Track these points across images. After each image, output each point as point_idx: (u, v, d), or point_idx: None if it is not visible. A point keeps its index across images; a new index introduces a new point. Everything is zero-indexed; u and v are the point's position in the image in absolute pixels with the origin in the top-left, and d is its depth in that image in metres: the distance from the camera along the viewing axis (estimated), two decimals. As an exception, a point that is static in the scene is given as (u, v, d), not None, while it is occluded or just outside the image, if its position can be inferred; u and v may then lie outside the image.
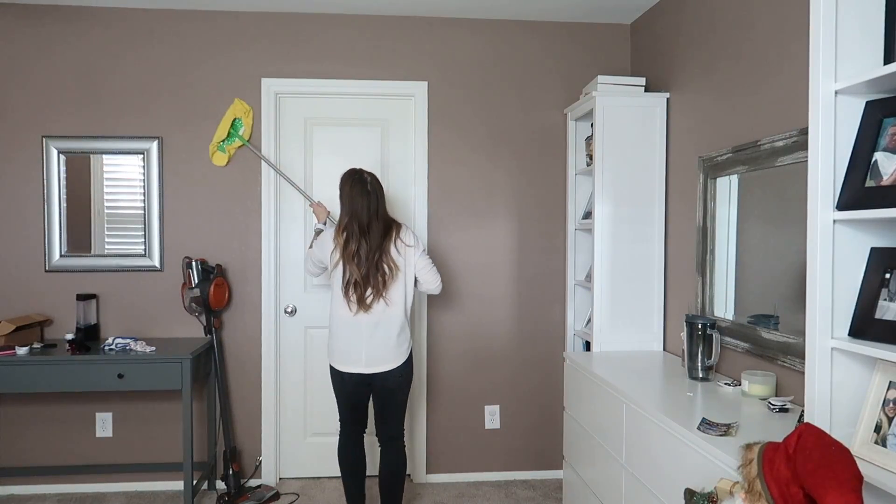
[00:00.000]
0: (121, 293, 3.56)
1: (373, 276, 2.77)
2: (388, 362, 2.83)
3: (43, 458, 3.56)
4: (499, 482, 3.75)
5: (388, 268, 2.78)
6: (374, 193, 2.81)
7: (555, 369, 3.79)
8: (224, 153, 3.50)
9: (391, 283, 2.80)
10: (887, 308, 1.54)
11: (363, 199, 2.79)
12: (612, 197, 3.24)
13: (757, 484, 1.36)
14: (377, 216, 2.80)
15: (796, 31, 2.29)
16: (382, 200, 2.85)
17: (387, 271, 2.78)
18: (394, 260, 2.80)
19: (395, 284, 2.81)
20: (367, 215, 2.78)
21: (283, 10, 3.56)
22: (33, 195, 3.50)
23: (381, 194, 2.85)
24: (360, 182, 2.82)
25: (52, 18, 3.48)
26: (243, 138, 3.49)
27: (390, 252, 2.80)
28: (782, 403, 2.16)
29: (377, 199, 2.81)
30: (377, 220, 2.79)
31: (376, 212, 2.80)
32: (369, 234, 2.77)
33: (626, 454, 2.39)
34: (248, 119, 3.50)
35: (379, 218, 2.81)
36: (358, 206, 2.79)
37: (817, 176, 1.62)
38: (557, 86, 3.74)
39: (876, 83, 1.53)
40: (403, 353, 2.86)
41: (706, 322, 2.61)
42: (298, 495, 3.52)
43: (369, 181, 2.82)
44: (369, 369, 2.82)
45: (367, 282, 2.76)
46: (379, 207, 2.82)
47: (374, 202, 2.80)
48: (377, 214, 2.80)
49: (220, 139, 3.46)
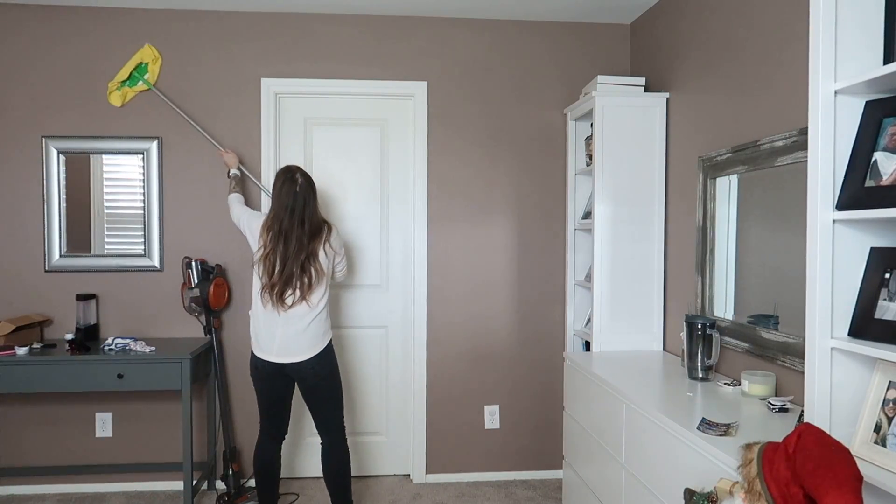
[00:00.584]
0: (120, 293, 3.56)
1: (297, 277, 2.77)
2: (301, 353, 2.81)
3: (43, 459, 3.56)
4: (498, 482, 3.75)
5: (315, 271, 2.80)
6: (303, 196, 2.81)
7: (555, 369, 3.79)
8: (120, 93, 3.46)
9: (316, 286, 2.81)
10: (887, 308, 1.54)
11: (288, 200, 2.80)
12: (611, 197, 3.24)
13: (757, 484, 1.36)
14: (302, 221, 2.79)
15: (796, 30, 2.29)
16: (311, 202, 2.84)
17: (313, 275, 2.79)
18: (321, 263, 2.82)
19: (318, 287, 2.82)
20: (290, 219, 2.79)
21: (282, 9, 3.56)
22: (33, 195, 3.50)
23: (311, 195, 2.85)
24: (290, 182, 2.82)
25: (52, 18, 3.48)
26: (148, 82, 3.46)
27: (318, 256, 2.82)
28: (782, 403, 2.16)
29: (304, 202, 2.81)
30: (301, 225, 2.79)
31: (301, 216, 2.79)
32: (290, 237, 2.78)
33: (626, 454, 2.39)
34: (154, 66, 3.47)
35: (305, 221, 2.80)
36: (282, 207, 2.80)
37: (817, 176, 1.62)
38: (557, 86, 3.74)
39: (876, 83, 1.53)
40: (317, 346, 2.84)
41: (706, 322, 2.61)
42: (298, 495, 3.52)
43: (299, 182, 2.82)
44: (281, 359, 2.82)
45: (287, 284, 2.77)
46: (306, 211, 2.81)
47: (301, 205, 2.80)
48: (302, 219, 2.79)
49: (121, 80, 3.43)
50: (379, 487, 3.63)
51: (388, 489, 3.61)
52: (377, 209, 3.73)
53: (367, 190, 3.72)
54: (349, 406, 3.74)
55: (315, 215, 2.86)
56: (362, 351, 3.74)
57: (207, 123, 3.57)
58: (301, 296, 2.78)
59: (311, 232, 2.81)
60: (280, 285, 2.76)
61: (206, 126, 3.56)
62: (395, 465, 3.77)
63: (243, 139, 3.59)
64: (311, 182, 2.87)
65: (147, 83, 3.46)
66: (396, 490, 3.60)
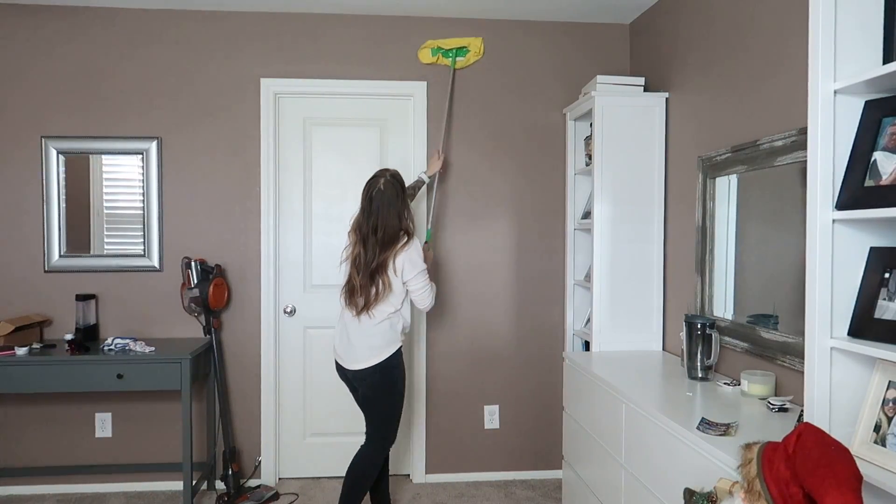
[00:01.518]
0: (120, 293, 3.56)
1: (366, 288, 2.75)
2: (357, 361, 2.80)
3: (42, 459, 3.56)
4: (498, 482, 3.74)
5: (383, 284, 2.75)
6: (378, 202, 2.76)
7: (554, 369, 3.79)
8: (433, 56, 3.53)
9: (381, 300, 2.76)
10: (886, 307, 1.54)
11: (365, 204, 2.80)
12: (611, 197, 3.24)
13: (756, 483, 1.36)
14: (375, 228, 2.76)
15: (795, 30, 2.29)
16: (389, 209, 2.76)
17: (381, 288, 2.75)
18: (388, 278, 2.75)
19: (384, 302, 2.77)
20: (367, 224, 2.78)
21: (282, 10, 3.56)
22: (32, 195, 3.50)
23: (391, 201, 2.77)
24: (370, 185, 2.81)
25: (52, 18, 3.48)
26: (455, 63, 3.54)
27: (387, 269, 2.76)
28: (782, 403, 2.16)
29: (379, 209, 2.76)
30: (374, 233, 2.76)
31: (375, 223, 2.76)
32: (367, 243, 2.77)
33: (626, 454, 2.39)
34: (471, 57, 3.54)
35: (379, 228, 2.75)
36: (362, 210, 2.82)
37: (816, 175, 1.62)
38: (556, 86, 3.74)
39: (875, 83, 1.53)
40: (374, 357, 2.77)
41: (705, 322, 2.61)
42: (298, 495, 3.52)
43: (378, 187, 2.77)
44: (342, 361, 2.85)
45: (361, 290, 2.76)
46: (380, 218, 2.75)
47: (376, 210, 2.76)
48: (375, 226, 2.76)
49: (441, 47, 3.49)
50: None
51: (387, 489, 3.61)
52: (377, 209, 3.72)
53: (367, 190, 3.71)
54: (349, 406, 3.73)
55: (391, 223, 2.76)
56: (362, 351, 3.74)
57: (207, 123, 3.57)
58: (364, 306, 2.75)
59: (384, 241, 2.75)
60: (355, 289, 2.77)
61: (206, 126, 3.56)
62: (395, 464, 3.77)
63: (243, 139, 3.59)
64: (394, 187, 2.79)
65: (454, 64, 3.53)
66: (396, 490, 3.60)
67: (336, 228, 3.69)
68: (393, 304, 2.78)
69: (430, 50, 3.52)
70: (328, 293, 3.69)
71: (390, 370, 2.80)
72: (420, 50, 3.58)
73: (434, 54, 3.50)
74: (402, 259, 2.76)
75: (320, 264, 3.69)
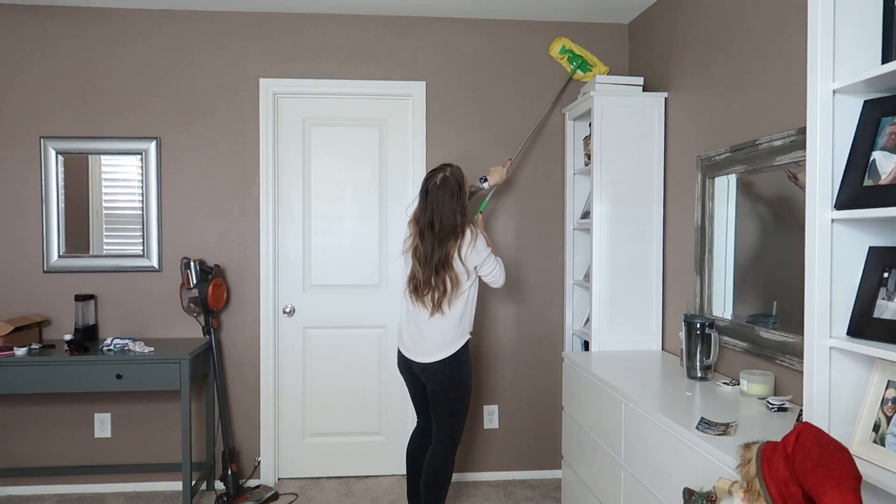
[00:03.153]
0: (119, 294, 3.56)
1: (434, 285, 2.75)
2: (426, 355, 2.79)
3: (41, 459, 3.55)
4: (497, 482, 3.74)
5: (451, 280, 2.73)
6: (434, 196, 2.75)
7: (553, 369, 3.79)
8: (562, 55, 3.43)
9: (451, 297, 2.75)
10: (886, 307, 1.54)
11: (423, 198, 2.81)
12: (610, 196, 3.24)
13: (756, 483, 1.36)
14: (431, 223, 2.75)
15: (794, 30, 2.29)
16: (444, 204, 2.74)
17: (448, 284, 2.73)
18: (456, 273, 2.74)
19: (454, 298, 2.76)
20: (424, 218, 2.78)
21: (281, 10, 3.56)
22: (31, 196, 3.49)
23: (446, 195, 2.74)
24: (427, 180, 2.81)
25: (50, 18, 3.48)
26: (573, 71, 3.47)
27: (452, 263, 2.74)
28: (781, 403, 2.16)
29: (434, 204, 2.74)
30: (430, 227, 2.75)
31: (431, 218, 2.75)
32: (424, 236, 2.77)
33: (625, 454, 2.39)
34: (593, 72, 3.45)
35: (435, 223, 2.74)
36: (419, 204, 2.83)
37: (815, 175, 1.62)
38: (555, 85, 3.74)
39: (874, 82, 1.53)
40: (444, 351, 2.77)
41: (705, 321, 2.61)
42: (297, 495, 3.51)
43: (435, 180, 2.77)
44: (410, 355, 2.84)
45: (427, 285, 2.76)
46: (435, 212, 2.74)
47: (431, 205, 2.75)
48: (432, 220, 2.75)
49: (571, 50, 3.38)
50: (378, 487, 3.63)
51: (386, 489, 3.61)
52: (376, 209, 3.72)
53: (366, 190, 3.72)
54: (348, 406, 3.74)
55: (447, 220, 2.74)
56: (361, 351, 3.74)
57: (206, 124, 3.56)
58: (435, 304, 2.75)
59: (441, 235, 2.73)
60: (421, 283, 2.77)
61: (205, 126, 3.56)
62: (395, 464, 3.77)
63: (242, 139, 3.59)
64: (450, 185, 2.76)
65: (572, 71, 3.48)
66: (395, 490, 3.60)
67: (335, 228, 3.69)
68: (462, 301, 2.79)
69: (562, 46, 3.34)
70: (327, 293, 3.70)
71: (459, 364, 2.80)
72: (554, 42, 3.43)
73: (563, 52, 3.34)
74: (466, 252, 2.75)
75: (319, 264, 3.69)
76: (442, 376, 2.79)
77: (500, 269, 2.89)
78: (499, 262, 2.88)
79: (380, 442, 3.77)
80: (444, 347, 2.78)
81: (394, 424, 3.77)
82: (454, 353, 2.79)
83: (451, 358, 2.78)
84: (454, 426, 2.86)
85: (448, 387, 2.80)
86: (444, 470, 2.87)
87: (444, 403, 2.83)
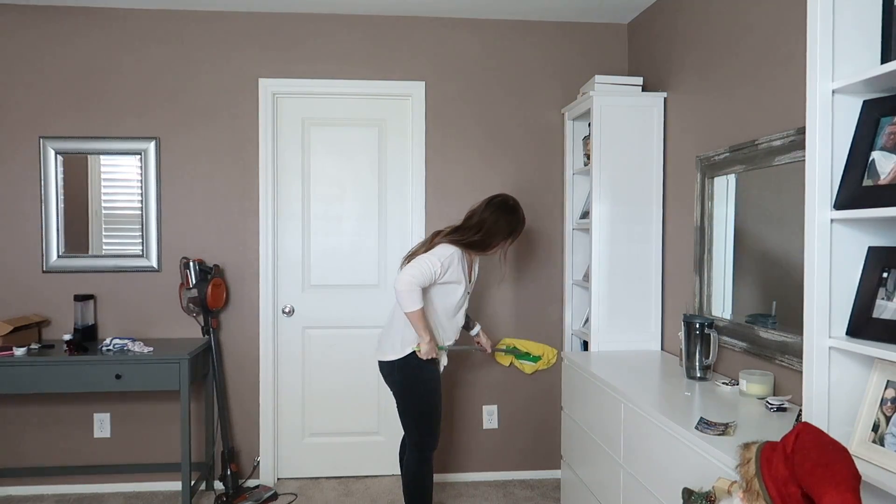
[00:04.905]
0: (118, 294, 3.55)
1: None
2: (380, 351, 2.80)
3: (41, 459, 3.55)
4: (497, 482, 3.74)
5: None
6: (476, 222, 2.80)
7: (553, 369, 3.79)
8: (507, 356, 3.32)
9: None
10: (885, 307, 1.54)
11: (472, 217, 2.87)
12: (609, 196, 3.25)
13: (755, 483, 1.36)
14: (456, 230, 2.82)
15: (794, 30, 2.29)
16: (476, 226, 2.80)
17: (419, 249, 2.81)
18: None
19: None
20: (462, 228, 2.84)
21: (280, 10, 3.55)
22: (31, 196, 3.49)
23: (484, 223, 2.79)
24: (492, 205, 2.86)
25: (50, 19, 3.48)
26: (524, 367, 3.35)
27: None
28: (780, 403, 2.16)
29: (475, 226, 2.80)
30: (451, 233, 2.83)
31: (456, 228, 2.83)
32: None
33: (624, 454, 2.39)
34: (542, 365, 3.31)
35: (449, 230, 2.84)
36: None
37: (815, 175, 1.62)
38: (555, 85, 3.74)
39: (873, 82, 1.53)
40: (395, 350, 2.75)
41: (704, 321, 2.61)
42: (297, 495, 3.51)
43: (483, 208, 2.85)
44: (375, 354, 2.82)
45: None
46: (464, 228, 2.81)
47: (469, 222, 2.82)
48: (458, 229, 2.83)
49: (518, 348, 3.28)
50: (377, 487, 3.63)
51: (386, 489, 3.61)
52: (375, 209, 3.72)
53: (365, 190, 3.71)
54: (348, 406, 3.73)
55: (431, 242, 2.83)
56: (360, 351, 3.74)
57: (205, 124, 3.56)
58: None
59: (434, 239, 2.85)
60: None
61: (204, 127, 3.56)
62: (394, 464, 3.77)
63: (241, 139, 3.59)
64: (486, 216, 2.82)
65: (522, 366, 3.33)
66: (395, 490, 3.60)
67: (335, 228, 3.69)
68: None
69: (506, 348, 3.29)
70: (326, 293, 3.70)
71: (410, 370, 2.75)
72: (497, 351, 3.30)
73: (507, 353, 3.30)
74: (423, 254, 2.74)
75: (319, 264, 3.69)
76: (394, 379, 2.75)
77: (414, 269, 2.65)
78: (421, 268, 2.65)
79: (379, 442, 3.77)
80: (395, 346, 2.74)
81: (393, 424, 3.77)
82: (404, 357, 2.73)
83: (402, 362, 2.73)
84: (420, 434, 2.78)
85: (402, 393, 2.76)
86: (418, 477, 2.81)
87: (404, 411, 2.78)
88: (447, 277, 2.71)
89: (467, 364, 3.75)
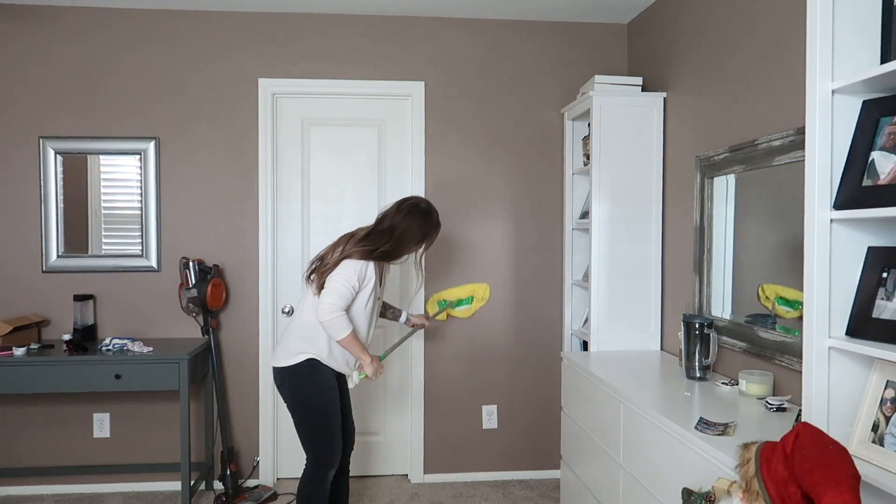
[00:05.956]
0: (118, 294, 3.55)
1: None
2: (274, 357, 2.60)
3: (40, 459, 3.55)
4: (496, 482, 3.74)
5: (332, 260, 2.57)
6: (389, 224, 2.65)
7: (552, 369, 3.79)
8: (441, 310, 3.34)
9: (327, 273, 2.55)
10: (885, 307, 1.54)
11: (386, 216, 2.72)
12: (609, 196, 3.24)
13: (754, 483, 1.36)
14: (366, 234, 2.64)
15: (793, 30, 2.29)
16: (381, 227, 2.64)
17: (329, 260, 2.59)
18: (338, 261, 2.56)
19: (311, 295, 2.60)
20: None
21: (280, 10, 3.55)
22: (30, 196, 3.49)
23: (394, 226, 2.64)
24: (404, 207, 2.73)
25: (49, 19, 3.47)
26: (459, 313, 3.39)
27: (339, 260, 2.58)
28: (780, 403, 2.16)
29: (385, 227, 2.64)
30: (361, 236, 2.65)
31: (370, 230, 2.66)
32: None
33: (624, 454, 2.39)
34: (477, 304, 3.34)
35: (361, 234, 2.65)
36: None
37: (814, 175, 1.62)
38: (554, 85, 3.74)
39: (873, 82, 1.53)
40: (288, 356, 2.55)
41: (703, 321, 2.61)
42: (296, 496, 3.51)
43: (393, 212, 2.70)
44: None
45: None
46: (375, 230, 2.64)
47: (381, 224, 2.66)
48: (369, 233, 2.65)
49: (447, 299, 3.30)
50: (377, 487, 3.63)
51: (385, 489, 3.61)
52: (374, 209, 3.71)
53: (365, 190, 3.71)
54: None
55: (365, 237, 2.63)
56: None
57: (205, 124, 3.56)
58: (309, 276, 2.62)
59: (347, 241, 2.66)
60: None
61: (204, 127, 3.56)
62: (393, 464, 3.77)
63: (241, 139, 3.59)
64: (400, 219, 2.65)
65: (458, 314, 3.37)
66: (394, 490, 3.60)
67: (334, 228, 3.68)
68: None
69: (438, 303, 3.25)
70: (326, 293, 3.69)
71: (298, 379, 2.57)
72: (428, 303, 3.35)
73: (443, 306, 3.25)
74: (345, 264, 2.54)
75: (318, 264, 3.69)
76: (284, 388, 2.55)
77: (333, 296, 2.46)
78: (339, 292, 2.48)
79: (379, 442, 3.77)
80: (289, 350, 2.55)
81: (393, 425, 3.77)
82: (295, 365, 2.53)
83: (292, 370, 2.53)
84: (315, 449, 2.57)
85: (293, 404, 2.56)
86: (306, 496, 2.59)
87: (297, 423, 2.58)
88: (363, 285, 2.56)
89: (467, 364, 3.75)
